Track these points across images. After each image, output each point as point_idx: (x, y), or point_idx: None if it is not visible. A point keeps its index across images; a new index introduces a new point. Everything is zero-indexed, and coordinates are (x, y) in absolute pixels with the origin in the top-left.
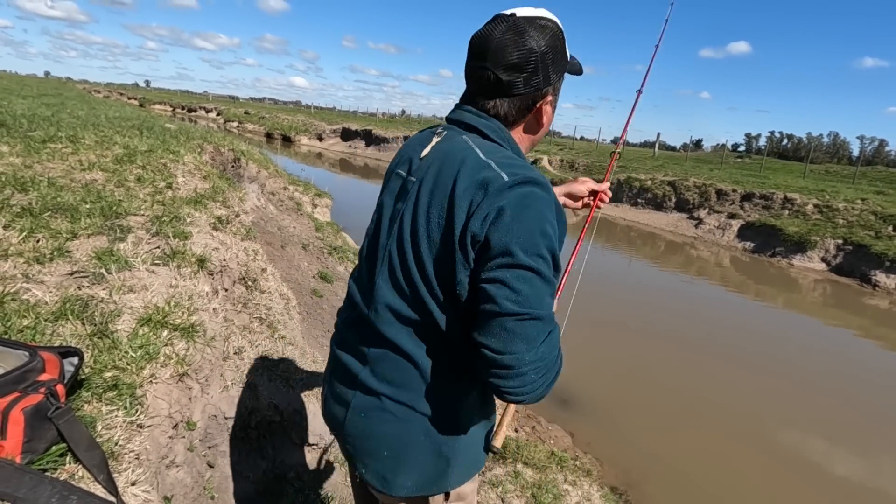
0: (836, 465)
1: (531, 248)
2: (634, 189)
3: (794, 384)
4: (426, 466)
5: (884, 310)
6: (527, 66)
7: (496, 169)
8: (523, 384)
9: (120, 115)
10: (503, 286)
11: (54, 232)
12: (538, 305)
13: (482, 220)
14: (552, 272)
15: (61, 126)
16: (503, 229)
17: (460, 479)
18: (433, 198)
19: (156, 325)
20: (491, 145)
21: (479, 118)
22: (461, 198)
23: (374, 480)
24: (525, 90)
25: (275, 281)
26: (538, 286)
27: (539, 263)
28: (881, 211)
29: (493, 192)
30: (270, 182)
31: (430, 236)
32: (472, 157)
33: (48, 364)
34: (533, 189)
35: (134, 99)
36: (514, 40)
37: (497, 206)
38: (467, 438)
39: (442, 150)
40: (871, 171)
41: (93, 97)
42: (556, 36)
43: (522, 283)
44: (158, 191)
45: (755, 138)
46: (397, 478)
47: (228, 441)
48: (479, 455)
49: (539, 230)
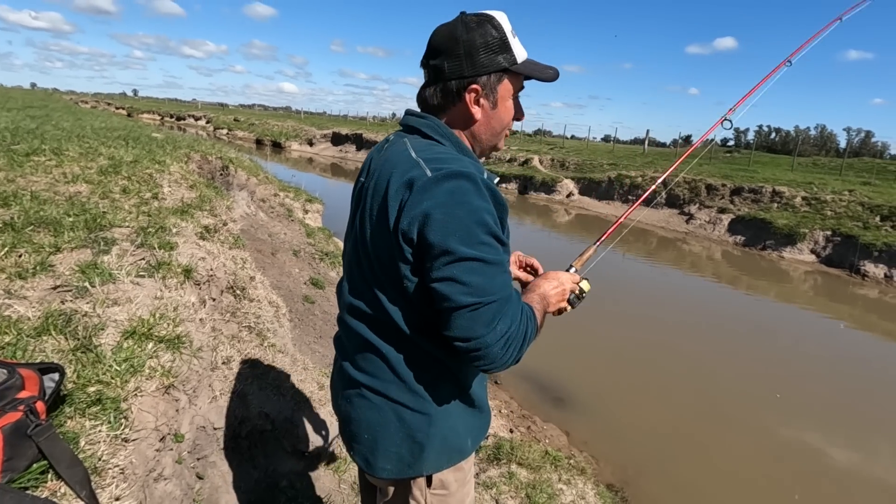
0: (832, 452)
1: (471, 239)
2: (625, 186)
3: (786, 375)
4: (402, 450)
5: (873, 299)
6: (450, 52)
7: (422, 166)
8: (493, 359)
9: (106, 125)
10: (454, 282)
11: (37, 246)
12: (490, 290)
13: (410, 219)
14: (499, 251)
15: (45, 138)
16: (438, 229)
17: (438, 465)
18: (373, 201)
19: (141, 338)
20: (426, 143)
21: (418, 118)
22: (392, 198)
23: (359, 461)
24: (447, 75)
25: (264, 289)
26: (486, 272)
27: (482, 251)
28: (868, 202)
29: (418, 189)
30: (260, 189)
31: (373, 238)
32: (404, 157)
33: (27, 381)
34: (458, 182)
35: (122, 108)
36: (447, 31)
37: (425, 206)
38: (443, 426)
39: (385, 155)
40: (857, 163)
41: (79, 108)
42: (487, 29)
43: (471, 274)
44: (144, 201)
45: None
46: (377, 460)
47: (218, 452)
48: (461, 444)
49: (474, 221)
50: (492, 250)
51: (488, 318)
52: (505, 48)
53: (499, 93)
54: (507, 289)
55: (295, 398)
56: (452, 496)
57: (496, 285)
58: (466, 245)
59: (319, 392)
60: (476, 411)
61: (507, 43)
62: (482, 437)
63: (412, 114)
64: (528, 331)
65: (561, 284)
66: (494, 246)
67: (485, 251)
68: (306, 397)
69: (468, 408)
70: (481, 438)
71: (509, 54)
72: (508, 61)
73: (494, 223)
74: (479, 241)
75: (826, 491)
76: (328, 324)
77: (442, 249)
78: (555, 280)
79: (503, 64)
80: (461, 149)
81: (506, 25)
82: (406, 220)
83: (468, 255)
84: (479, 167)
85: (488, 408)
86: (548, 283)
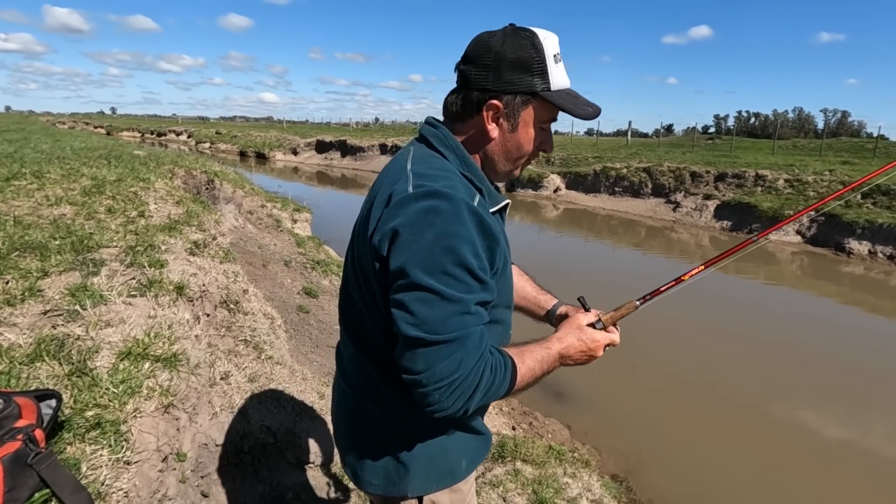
0: (829, 430)
1: (432, 267)
2: (611, 178)
3: (781, 355)
4: (387, 467)
5: (859, 275)
6: (479, 60)
7: (408, 180)
8: (430, 403)
9: (86, 145)
10: (402, 309)
11: (24, 272)
12: (438, 329)
13: (382, 234)
14: (468, 286)
15: (25, 162)
16: (401, 249)
17: (425, 487)
18: (364, 209)
19: (136, 358)
20: (428, 155)
21: (429, 127)
22: (375, 209)
23: (348, 473)
24: (472, 84)
25: (258, 301)
26: (439, 307)
27: (442, 282)
28: (849, 180)
29: (394, 204)
30: (247, 201)
31: (358, 248)
32: (398, 167)
33: (24, 409)
34: (434, 203)
35: (101, 127)
36: (485, 38)
37: (396, 223)
38: (430, 446)
39: (390, 164)
40: (836, 143)
41: (57, 129)
42: (524, 45)
43: (420, 305)
44: (130, 220)
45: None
46: (364, 474)
47: (222, 468)
48: (452, 465)
49: (442, 247)
50: (455, 284)
51: (429, 358)
52: (540, 71)
53: (521, 116)
54: (462, 330)
55: (296, 409)
56: None
57: (449, 325)
58: (426, 272)
59: (320, 402)
60: (470, 432)
61: (544, 66)
62: (481, 458)
63: (428, 122)
64: (486, 383)
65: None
66: (462, 280)
67: (445, 283)
68: (307, 408)
69: (460, 428)
70: (480, 459)
71: (543, 79)
72: (540, 86)
73: (472, 254)
74: (442, 271)
75: (825, 464)
76: (324, 332)
77: (399, 271)
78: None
79: (533, 87)
80: (466, 164)
81: (550, 48)
82: (378, 235)
83: (423, 284)
84: (470, 190)
85: (486, 429)
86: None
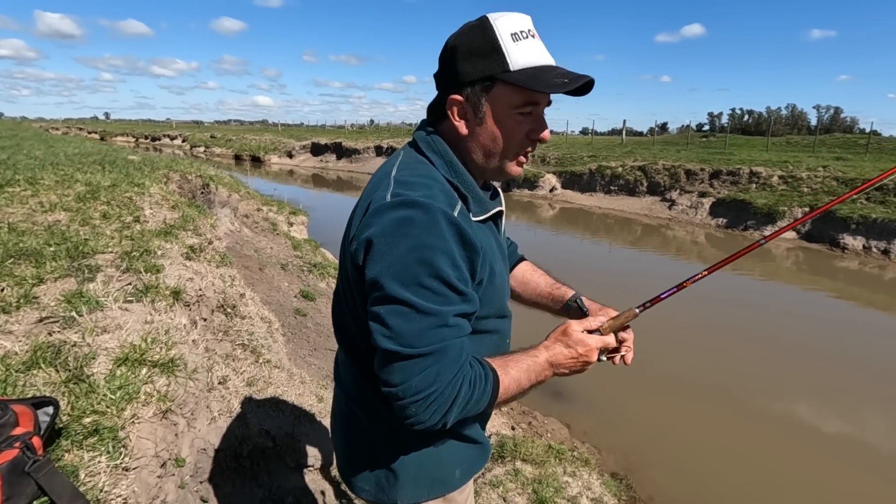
0: (827, 425)
1: (407, 279)
2: (606, 177)
3: (778, 351)
4: (378, 474)
5: (854, 270)
6: (440, 60)
7: (389, 188)
8: (408, 416)
9: (80, 151)
10: (378, 322)
11: (19, 279)
12: (413, 342)
13: (358, 243)
14: (445, 298)
15: (18, 168)
16: (375, 260)
17: (416, 496)
18: (351, 215)
19: (133, 364)
20: (415, 159)
21: (419, 131)
22: (357, 216)
23: (342, 477)
24: (438, 85)
25: (255, 305)
26: (414, 320)
27: (417, 294)
28: (842, 176)
29: (371, 212)
30: (243, 205)
31: (343, 255)
32: (384, 173)
33: (21, 417)
34: (410, 213)
35: (94, 133)
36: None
37: (370, 233)
38: (421, 455)
39: (379, 168)
40: (829, 139)
41: (50, 135)
42: (474, 33)
43: (396, 318)
44: (126, 225)
45: (717, 117)
46: (357, 480)
47: (221, 473)
48: (444, 474)
49: (416, 259)
50: (431, 296)
51: (405, 372)
52: (493, 52)
53: (485, 105)
54: (439, 343)
55: (294, 413)
56: None
57: (424, 338)
58: (401, 284)
59: (319, 405)
60: (465, 441)
61: (497, 46)
62: (478, 468)
63: (422, 126)
64: (464, 397)
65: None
66: (438, 292)
67: (420, 295)
68: (306, 411)
69: (454, 437)
70: (476, 470)
71: (499, 60)
72: (498, 69)
73: (450, 265)
74: (418, 283)
75: (825, 458)
76: (322, 336)
77: (374, 282)
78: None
79: (488, 71)
80: (453, 169)
81: (505, 27)
82: (354, 244)
83: (397, 297)
84: (452, 198)
85: (485, 439)
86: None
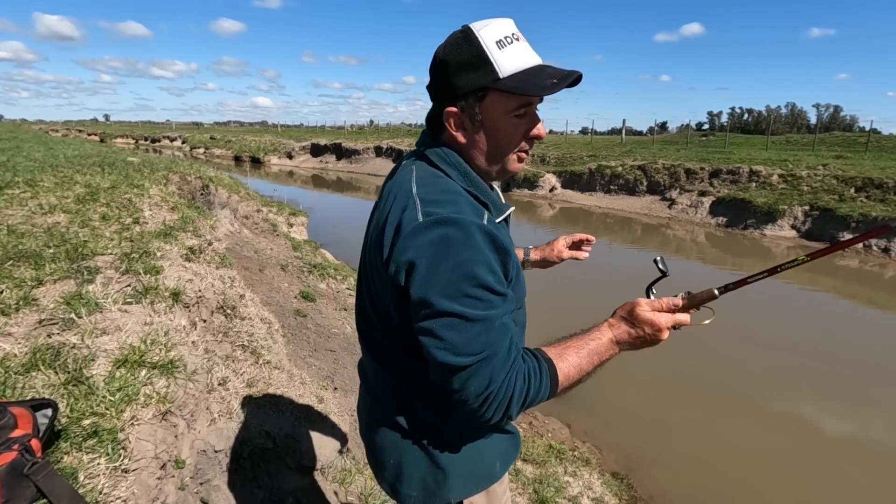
0: (829, 424)
1: (453, 293)
2: (606, 177)
3: (779, 349)
4: (426, 476)
5: (855, 269)
6: (432, 74)
7: (415, 207)
8: (471, 416)
9: (80, 152)
10: (431, 336)
11: (18, 281)
12: (467, 350)
13: (397, 265)
14: (490, 303)
15: (18, 170)
16: (421, 282)
17: (465, 491)
18: (375, 231)
19: (133, 366)
20: (430, 174)
21: (426, 144)
22: (386, 236)
23: (386, 489)
24: (433, 97)
25: (255, 306)
26: (466, 329)
27: (466, 305)
28: (842, 174)
29: (406, 234)
30: (243, 206)
31: (371, 268)
32: (405, 190)
33: (20, 419)
34: (446, 231)
35: (94, 135)
36: (435, 53)
37: (410, 255)
38: (466, 451)
39: (392, 183)
40: (829, 138)
41: (50, 137)
42: (460, 46)
43: (448, 330)
44: (125, 227)
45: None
46: (403, 487)
47: (221, 475)
48: (487, 468)
49: (460, 275)
50: (479, 304)
51: (461, 379)
52: (481, 63)
53: (482, 113)
54: (491, 347)
55: (295, 414)
56: None
57: (476, 344)
58: (448, 298)
59: (319, 406)
60: (502, 432)
61: (484, 57)
62: (513, 458)
63: (424, 135)
64: (520, 391)
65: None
66: (484, 299)
67: (469, 305)
68: (306, 412)
69: (492, 430)
70: (512, 460)
71: (487, 70)
72: (488, 79)
73: (489, 272)
74: (464, 295)
75: (826, 458)
76: (322, 336)
77: (422, 301)
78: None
79: (479, 83)
80: (469, 180)
81: (490, 36)
82: (394, 266)
83: (448, 311)
84: (478, 209)
85: (515, 428)
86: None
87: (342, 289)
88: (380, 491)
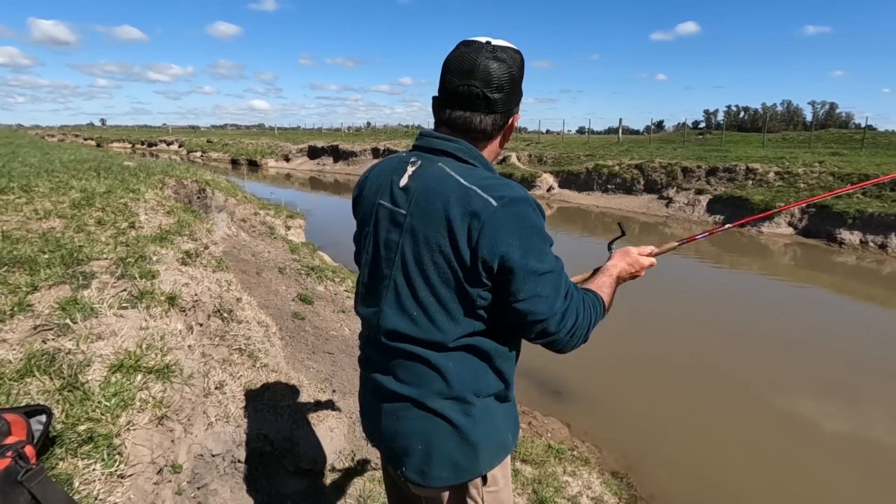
0: (828, 421)
1: (543, 255)
2: (604, 176)
3: (778, 347)
4: (457, 455)
5: (852, 265)
6: (508, 88)
7: (481, 194)
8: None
9: (76, 157)
10: (537, 298)
11: (13, 287)
12: (560, 295)
13: (490, 248)
14: (555, 256)
15: (13, 176)
16: (519, 254)
17: (491, 463)
18: (429, 229)
19: (128, 371)
20: (466, 168)
21: (449, 142)
22: (459, 227)
23: (414, 476)
24: (505, 108)
25: (252, 309)
26: (556, 281)
27: (552, 262)
28: (838, 171)
29: (488, 218)
30: (240, 209)
31: (436, 263)
32: (455, 185)
33: (13, 426)
34: (522, 207)
35: (90, 139)
36: (499, 66)
37: (501, 235)
38: (490, 425)
39: (423, 179)
40: (825, 135)
41: (46, 142)
42: (523, 62)
43: (548, 286)
44: (121, 232)
45: (713, 114)
46: (433, 470)
47: (218, 479)
48: (505, 440)
49: (542, 238)
50: (555, 259)
51: (558, 320)
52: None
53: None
54: (567, 286)
55: (292, 417)
56: (502, 491)
57: (563, 288)
58: (541, 262)
59: (316, 408)
60: (510, 405)
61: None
62: (518, 430)
63: (436, 136)
64: (591, 318)
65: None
66: (552, 253)
67: (552, 261)
68: (304, 415)
69: (503, 404)
70: (518, 432)
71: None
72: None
73: (545, 231)
74: (548, 254)
75: (826, 455)
76: (320, 339)
77: (526, 271)
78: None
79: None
80: (491, 170)
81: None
82: (485, 249)
83: (545, 270)
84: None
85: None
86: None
87: (340, 291)
88: (379, 493)
